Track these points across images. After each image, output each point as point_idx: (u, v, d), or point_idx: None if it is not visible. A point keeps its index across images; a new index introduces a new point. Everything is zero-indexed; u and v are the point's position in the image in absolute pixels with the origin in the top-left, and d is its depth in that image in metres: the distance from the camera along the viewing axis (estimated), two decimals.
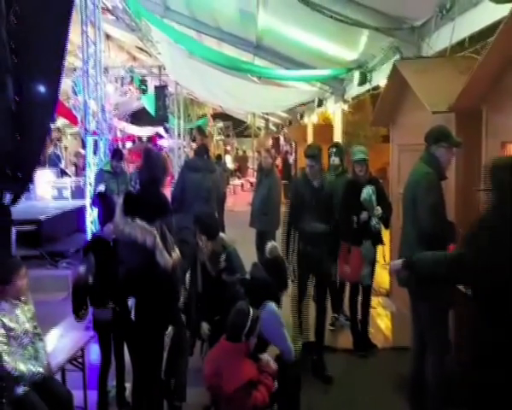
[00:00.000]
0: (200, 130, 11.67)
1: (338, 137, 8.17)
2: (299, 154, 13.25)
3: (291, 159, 15.63)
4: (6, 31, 5.70)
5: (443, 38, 4.01)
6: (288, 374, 2.67)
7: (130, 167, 13.93)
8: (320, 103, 8.87)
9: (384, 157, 6.08)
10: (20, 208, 5.89)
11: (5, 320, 2.43)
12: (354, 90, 6.98)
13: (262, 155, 5.82)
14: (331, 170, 4.38)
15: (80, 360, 3.08)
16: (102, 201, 4.63)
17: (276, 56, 7.61)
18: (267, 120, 16.66)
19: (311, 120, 11.26)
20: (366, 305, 4.08)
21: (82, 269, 2.95)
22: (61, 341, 3.22)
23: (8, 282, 2.55)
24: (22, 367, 2.39)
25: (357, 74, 6.12)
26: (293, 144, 15.26)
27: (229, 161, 11.24)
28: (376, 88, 6.01)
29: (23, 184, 5.90)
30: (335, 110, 8.47)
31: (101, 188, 5.55)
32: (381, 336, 4.31)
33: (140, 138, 19.44)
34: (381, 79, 5.53)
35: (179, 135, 16.10)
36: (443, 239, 2.63)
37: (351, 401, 3.28)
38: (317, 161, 3.51)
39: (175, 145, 15.57)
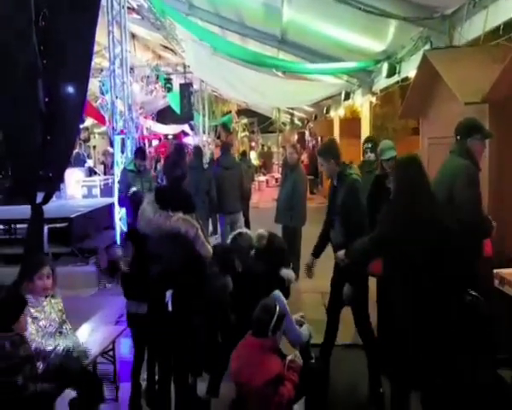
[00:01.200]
0: (225, 126, 11.72)
1: (366, 130, 8.01)
2: None
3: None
4: (36, 34, 5.89)
5: (475, 27, 3.86)
6: (312, 369, 2.65)
7: (158, 165, 14.20)
8: (347, 96, 8.71)
9: (413, 150, 5.90)
10: (52, 207, 6.07)
11: (32, 310, 2.54)
12: (382, 82, 6.82)
13: (287, 151, 5.77)
14: (365, 166, 4.21)
15: (111, 353, 3.13)
16: (135, 199, 4.76)
17: (301, 50, 7.51)
18: (292, 115, 16.52)
19: (337, 113, 11.09)
20: None
21: (119, 251, 2.97)
22: (93, 335, 3.29)
23: (30, 279, 2.65)
24: (49, 348, 2.47)
25: (385, 66, 5.96)
26: (319, 139, 15.10)
27: (253, 158, 11.21)
28: (405, 79, 5.85)
29: (54, 183, 6.07)
30: (363, 103, 8.31)
31: (134, 188, 5.67)
32: None
33: (165, 136, 19.70)
34: (410, 70, 5.38)
35: (204, 132, 16.22)
36: (482, 232, 2.59)
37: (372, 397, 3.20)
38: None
39: (200, 142, 15.71)
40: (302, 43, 7.42)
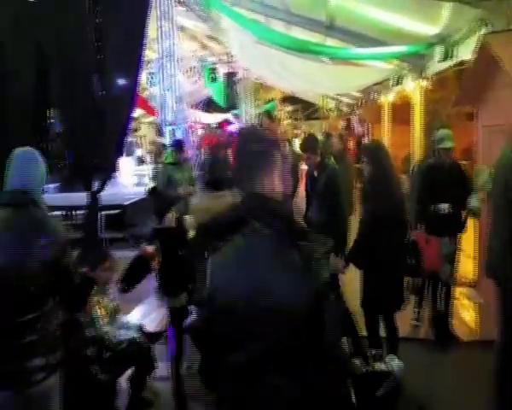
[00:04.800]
0: (268, 114, 11.72)
1: (417, 116, 7.73)
2: (373, 135, 12.73)
3: (365, 141, 15.10)
4: (92, 30, 6.17)
5: None
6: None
7: (202, 154, 14.51)
8: (397, 81, 8.42)
9: (468, 137, 5.64)
10: (106, 194, 6.42)
11: (99, 299, 2.73)
12: (435, 66, 6.52)
13: (332, 140, 5.69)
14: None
15: (165, 334, 3.26)
16: (154, 195, 4.88)
17: (349, 35, 7.32)
18: (338, 101, 16.11)
19: (387, 99, 10.75)
20: (447, 296, 3.88)
21: (150, 247, 3.03)
22: (148, 316, 3.46)
23: (94, 270, 2.80)
24: (112, 335, 2.66)
25: (438, 50, 5.70)
26: (368, 126, 14.68)
27: (297, 145, 11.15)
28: (460, 63, 5.57)
29: (109, 171, 6.41)
30: (414, 88, 8.01)
31: (152, 184, 5.83)
32: (465, 329, 4.09)
33: (209, 125, 19.96)
34: (465, 53, 5.11)
35: (248, 120, 16.28)
36: None
37: (428, 395, 3.17)
38: None
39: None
40: (350, 29, 7.23)
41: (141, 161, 11.84)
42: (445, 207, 3.59)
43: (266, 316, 1.14)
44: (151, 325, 3.27)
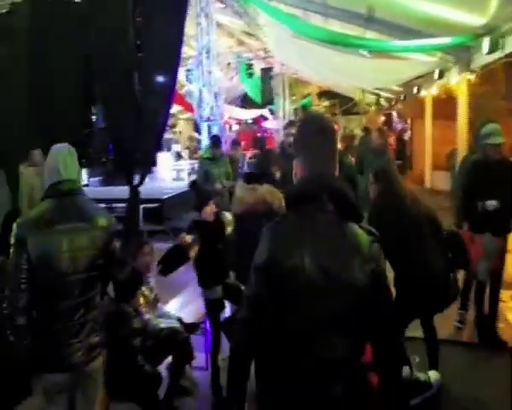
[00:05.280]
0: (305, 109, 11.65)
1: (462, 111, 7.43)
2: (415, 131, 12.37)
3: (406, 137, 14.68)
4: (133, 29, 6.34)
5: None
6: None
7: (238, 150, 14.60)
8: (441, 75, 8.11)
9: None
10: (146, 188, 6.62)
11: (143, 288, 2.81)
12: (482, 58, 6.22)
13: (372, 136, 5.57)
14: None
15: (203, 325, 3.32)
16: (195, 188, 4.95)
17: (389, 28, 7.11)
18: (378, 96, 15.69)
19: (429, 93, 10.38)
20: (494, 298, 3.71)
21: (189, 237, 3.03)
22: (187, 307, 3.53)
23: (134, 258, 2.85)
24: (152, 323, 2.74)
25: (486, 41, 5.43)
26: (409, 121, 14.25)
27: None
28: (509, 55, 5.29)
29: (148, 166, 6.61)
30: (459, 82, 7.68)
31: (193, 177, 5.91)
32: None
33: (244, 121, 20.02)
34: None
35: (284, 116, 16.22)
36: None
37: (471, 399, 3.05)
38: None
39: (280, 126, 15.75)
40: (390, 21, 7.02)
41: (178, 156, 12.08)
42: (492, 203, 3.41)
43: (326, 288, 1.23)
44: (188, 316, 3.33)
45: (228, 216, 3.33)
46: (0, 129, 6.49)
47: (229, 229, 3.26)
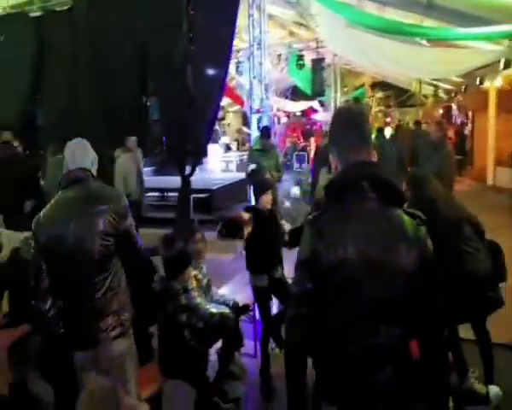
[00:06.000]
0: (357, 101, 11.35)
1: None
2: (477, 124, 11.67)
3: (466, 130, 13.90)
4: (186, 23, 6.51)
5: None
6: None
7: (287, 142, 14.59)
8: (507, 64, 7.59)
9: None
10: (196, 179, 6.80)
11: (195, 272, 2.90)
12: None
13: (431, 128, 5.32)
14: None
15: (251, 310, 3.37)
16: (254, 177, 5.00)
17: (450, 15, 6.73)
18: (436, 87, 14.91)
19: (493, 84, 9.75)
20: None
21: (245, 214, 3.10)
22: (234, 296, 3.61)
23: (187, 244, 2.97)
24: (204, 307, 2.82)
25: None
26: (470, 114, 13.47)
27: (388, 134, 10.60)
28: None
29: (199, 157, 6.78)
30: None
31: (252, 166, 5.96)
32: None
33: (293, 113, 19.84)
34: None
35: (335, 108, 15.88)
36: None
37: None
38: None
39: (330, 119, 15.40)
40: (452, 7, 6.65)
41: (227, 148, 12.28)
42: None
43: (373, 276, 1.23)
44: (240, 303, 3.40)
45: (285, 225, 3.36)
46: (67, 116, 6.90)
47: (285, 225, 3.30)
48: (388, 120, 19.05)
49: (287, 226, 3.30)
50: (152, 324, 2.72)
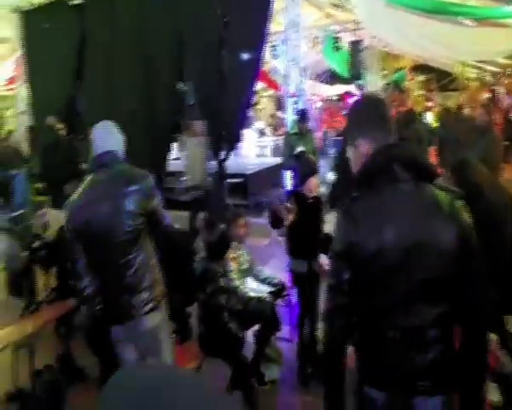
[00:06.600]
0: (397, 85, 10.91)
1: None
2: None
3: None
4: (220, 6, 6.48)
5: None
6: None
7: (322, 127, 14.31)
8: None
9: None
10: (230, 164, 6.84)
11: (234, 255, 2.95)
12: None
13: (476, 113, 5.07)
14: None
15: (288, 298, 3.41)
16: (300, 160, 4.95)
17: None
18: (481, 70, 14.17)
19: None
20: None
21: (286, 204, 3.13)
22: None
23: (229, 227, 3.03)
24: (243, 290, 2.86)
25: None
26: None
27: (430, 119, 10.16)
28: None
29: (233, 142, 6.79)
30: None
31: (300, 149, 5.90)
32: None
33: (329, 97, 19.43)
34: None
35: (373, 92, 15.39)
36: None
37: None
38: None
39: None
40: None
41: (261, 133, 12.23)
42: None
43: (412, 258, 1.23)
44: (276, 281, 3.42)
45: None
46: (105, 103, 7.09)
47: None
48: (430, 104, 18.28)
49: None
50: (190, 304, 2.80)
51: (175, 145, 9.40)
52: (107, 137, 2.19)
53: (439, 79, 17.72)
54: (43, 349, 3.09)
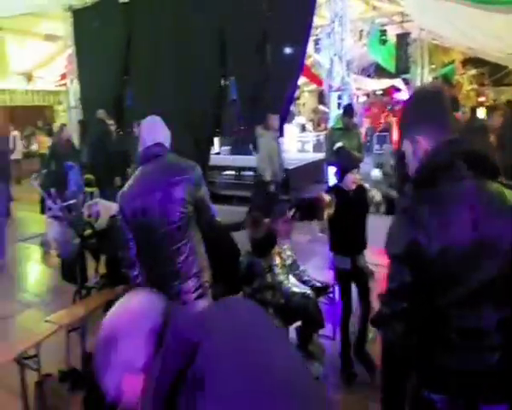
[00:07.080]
0: (446, 79, 10.46)
1: None
2: None
3: None
4: (264, 1, 6.45)
5: None
6: None
7: (365, 122, 13.97)
8: None
9: None
10: None
11: (279, 250, 2.94)
12: None
13: None
14: None
15: (331, 295, 3.38)
16: (340, 154, 4.85)
17: None
18: None
19: None
20: None
21: (327, 196, 3.04)
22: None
23: (275, 222, 3.02)
24: (287, 286, 2.85)
25: None
26: None
27: (481, 115, 9.63)
28: None
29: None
30: None
31: (339, 144, 5.75)
32: None
33: (374, 92, 18.90)
34: None
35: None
36: None
37: None
38: None
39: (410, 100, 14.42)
40: None
41: (303, 128, 12.11)
42: None
43: (486, 252, 1.19)
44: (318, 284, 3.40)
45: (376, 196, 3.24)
46: (150, 99, 7.28)
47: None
48: (482, 99, 17.35)
49: (377, 196, 3.19)
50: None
51: (215, 140, 9.50)
52: (156, 130, 2.25)
53: (492, 72, 16.71)
54: (94, 333, 3.22)
